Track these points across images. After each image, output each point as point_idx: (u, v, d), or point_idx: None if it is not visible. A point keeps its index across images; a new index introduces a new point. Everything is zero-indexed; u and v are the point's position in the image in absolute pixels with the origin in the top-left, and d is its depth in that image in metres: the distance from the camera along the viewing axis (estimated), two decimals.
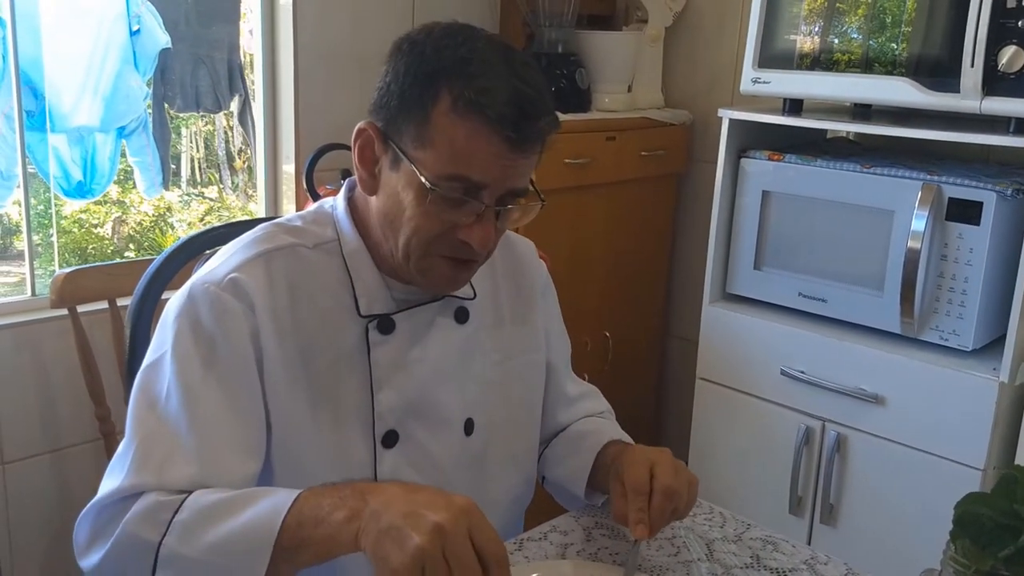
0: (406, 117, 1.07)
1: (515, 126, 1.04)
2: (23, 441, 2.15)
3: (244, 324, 1.08)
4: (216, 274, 1.11)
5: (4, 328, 2.09)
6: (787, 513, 2.17)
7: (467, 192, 1.06)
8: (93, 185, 2.51)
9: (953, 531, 0.93)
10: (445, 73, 1.05)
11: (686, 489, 1.16)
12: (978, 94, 1.82)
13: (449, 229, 1.08)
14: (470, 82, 1.04)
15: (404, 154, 1.07)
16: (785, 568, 1.21)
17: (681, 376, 2.94)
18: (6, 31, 2.10)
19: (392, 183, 1.10)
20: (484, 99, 1.03)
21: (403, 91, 1.07)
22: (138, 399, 1.09)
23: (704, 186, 2.75)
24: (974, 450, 1.87)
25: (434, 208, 1.07)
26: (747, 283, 2.26)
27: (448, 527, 0.87)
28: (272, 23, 2.45)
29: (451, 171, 1.05)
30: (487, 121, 1.03)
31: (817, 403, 2.10)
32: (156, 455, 1.03)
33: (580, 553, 1.23)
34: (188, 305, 1.10)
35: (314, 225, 1.19)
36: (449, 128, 1.04)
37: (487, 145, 1.04)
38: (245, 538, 0.93)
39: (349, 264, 1.16)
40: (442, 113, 1.04)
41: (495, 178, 1.07)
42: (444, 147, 1.04)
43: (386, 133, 1.10)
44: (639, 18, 2.82)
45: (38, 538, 2.22)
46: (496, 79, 1.04)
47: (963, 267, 1.89)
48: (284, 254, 1.14)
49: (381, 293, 1.17)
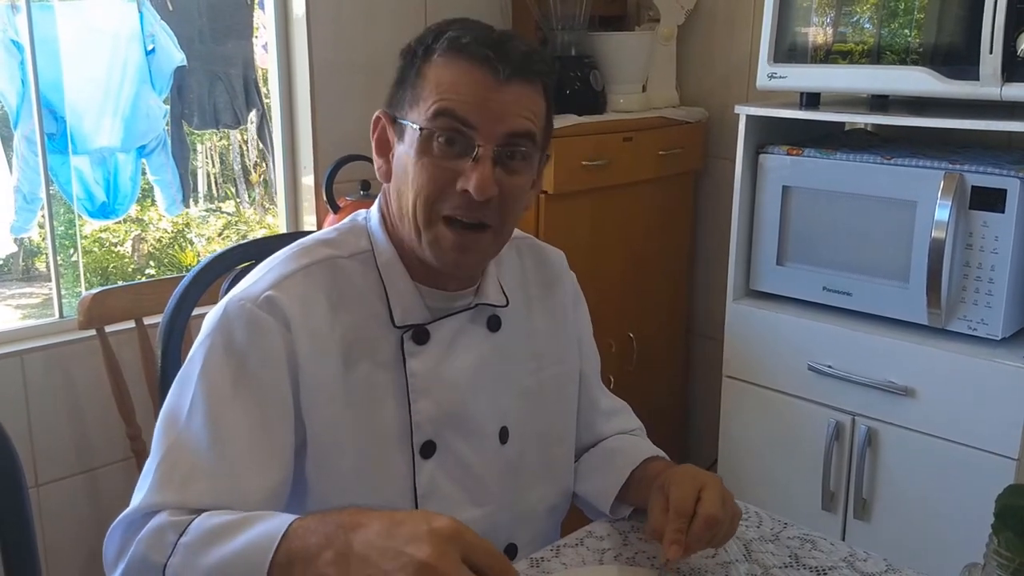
0: (403, 87, 1.13)
1: (493, 47, 1.08)
2: (56, 462, 2.17)
3: (279, 342, 1.09)
4: (253, 291, 1.11)
5: (35, 351, 2.11)
6: (820, 509, 2.16)
7: (458, 132, 1.08)
8: (116, 205, 2.54)
9: (995, 524, 0.93)
10: (432, 36, 1.12)
11: (728, 521, 1.13)
12: (998, 81, 1.81)
13: (450, 181, 1.08)
14: (458, 37, 1.10)
15: (404, 120, 1.12)
16: (824, 566, 1.21)
17: (707, 375, 2.93)
18: (25, 56, 2.13)
19: (400, 156, 1.13)
20: (463, 37, 1.09)
21: (401, 68, 1.14)
22: (166, 413, 1.10)
23: (723, 183, 2.74)
24: (1008, 439, 1.85)
25: (430, 156, 1.08)
26: (770, 279, 2.25)
27: (435, 562, 0.84)
28: (287, 37, 2.46)
29: (438, 107, 1.07)
30: (465, 51, 1.08)
31: (846, 397, 2.09)
32: (177, 472, 1.03)
33: (618, 558, 1.22)
34: (223, 321, 1.10)
35: (349, 235, 1.20)
36: (435, 73, 1.09)
37: (469, 75, 1.07)
38: (238, 566, 0.92)
39: (383, 273, 1.17)
40: (429, 65, 1.10)
41: (483, 114, 1.07)
42: (432, 90, 1.08)
43: (392, 113, 1.15)
44: (651, 17, 2.82)
45: (73, 558, 2.23)
46: (476, 30, 1.11)
47: (989, 255, 1.87)
48: (322, 267, 1.15)
49: (415, 302, 1.17)
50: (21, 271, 4.23)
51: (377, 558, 0.87)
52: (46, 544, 2.17)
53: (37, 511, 2.14)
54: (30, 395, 2.11)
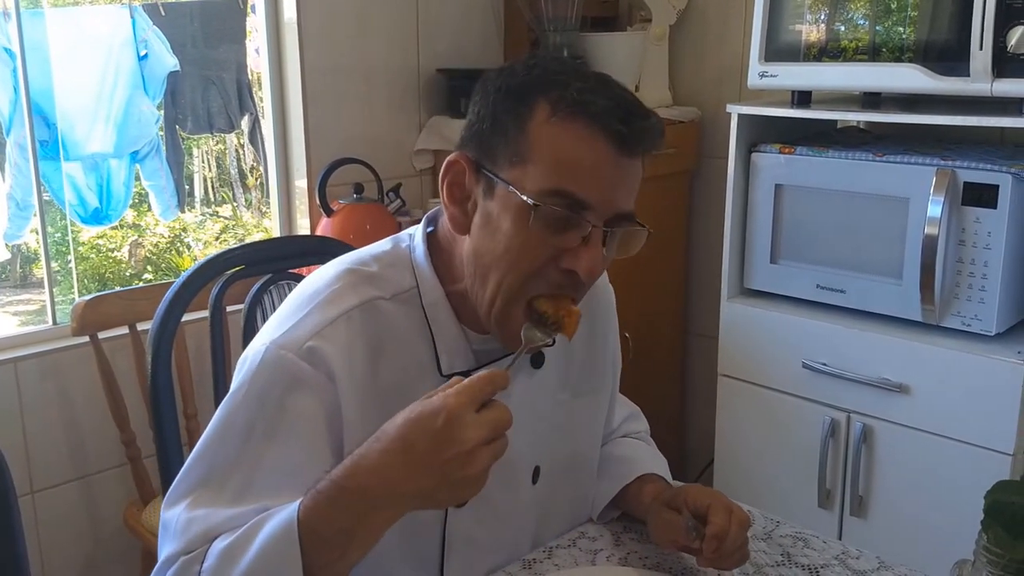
0: (500, 137, 0.99)
1: (623, 121, 0.96)
2: (51, 469, 2.17)
3: (324, 395, 1.01)
4: (295, 338, 1.03)
5: (28, 358, 2.11)
6: (816, 507, 2.16)
7: (571, 209, 0.97)
8: (109, 211, 2.54)
9: (984, 520, 0.92)
10: (540, 84, 0.99)
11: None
12: (988, 77, 1.80)
13: (551, 259, 0.99)
14: (568, 88, 0.97)
15: (499, 176, 0.99)
16: (817, 564, 1.20)
17: (703, 373, 2.93)
18: (16, 63, 2.13)
19: (487, 215, 1.01)
20: (587, 98, 0.96)
21: (495, 111, 1.00)
22: (200, 462, 1.03)
23: (716, 182, 2.74)
24: (1003, 435, 1.85)
25: (536, 231, 0.97)
26: (764, 277, 2.25)
27: (461, 426, 0.84)
28: (278, 41, 2.46)
29: (554, 184, 0.96)
30: (591, 120, 0.96)
31: (841, 395, 2.09)
32: (204, 525, 0.98)
33: (610, 559, 1.22)
34: (262, 371, 1.02)
35: (391, 270, 1.09)
36: (549, 137, 0.97)
37: (592, 151, 0.96)
38: (269, 554, 0.90)
39: (429, 316, 1.08)
40: (540, 123, 0.97)
41: (602, 193, 0.97)
42: (544, 159, 0.97)
43: (478, 161, 1.02)
44: (643, 18, 2.82)
45: (70, 564, 2.23)
46: (594, 85, 0.98)
47: (982, 251, 1.87)
48: (363, 311, 1.05)
49: (462, 347, 1.09)
50: (19, 278, 4.23)
51: (426, 479, 0.85)
52: (42, 551, 2.17)
53: (33, 518, 2.14)
54: (24, 402, 2.11)
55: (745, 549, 1.13)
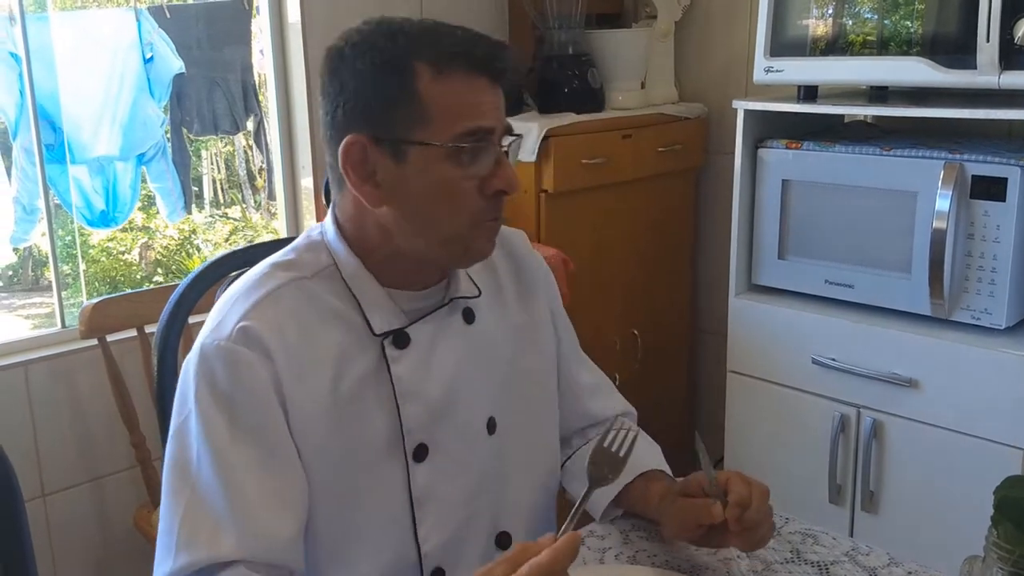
0: (388, 107, 1.07)
1: (493, 60, 1.08)
2: (62, 472, 2.18)
3: (263, 373, 1.07)
4: (224, 328, 1.09)
5: (38, 361, 2.12)
6: (827, 503, 2.15)
7: (482, 140, 1.08)
8: (116, 214, 2.54)
9: (994, 516, 0.92)
10: (410, 50, 1.07)
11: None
12: (996, 69, 1.79)
13: (481, 187, 1.09)
14: (437, 45, 1.07)
15: (408, 141, 1.07)
16: (826, 561, 1.20)
17: (712, 370, 2.93)
18: (22, 67, 2.13)
19: (405, 181, 1.08)
20: (458, 49, 1.07)
21: (375, 87, 1.07)
22: (171, 468, 1.08)
23: (723, 178, 2.73)
24: (1014, 429, 1.84)
25: (466, 169, 1.07)
26: (772, 273, 2.24)
27: None
28: (282, 41, 2.46)
29: (461, 127, 1.06)
30: (470, 66, 1.07)
31: (851, 390, 2.08)
32: (202, 530, 1.03)
33: (619, 557, 1.22)
34: (202, 366, 1.08)
35: (308, 254, 1.17)
36: (441, 92, 1.06)
37: (478, 90, 1.08)
38: None
39: (351, 285, 1.14)
40: (428, 83, 1.06)
41: (496, 118, 1.09)
42: (445, 110, 1.06)
43: (376, 136, 1.08)
44: (648, 14, 2.81)
45: (81, 567, 2.24)
46: (460, 37, 1.09)
47: (991, 245, 1.86)
48: (288, 290, 1.12)
49: (390, 308, 1.15)
50: (30, 281, 4.25)
51: None
52: (54, 554, 2.18)
53: (45, 521, 2.15)
54: (35, 405, 2.11)
55: (770, 521, 1.14)
